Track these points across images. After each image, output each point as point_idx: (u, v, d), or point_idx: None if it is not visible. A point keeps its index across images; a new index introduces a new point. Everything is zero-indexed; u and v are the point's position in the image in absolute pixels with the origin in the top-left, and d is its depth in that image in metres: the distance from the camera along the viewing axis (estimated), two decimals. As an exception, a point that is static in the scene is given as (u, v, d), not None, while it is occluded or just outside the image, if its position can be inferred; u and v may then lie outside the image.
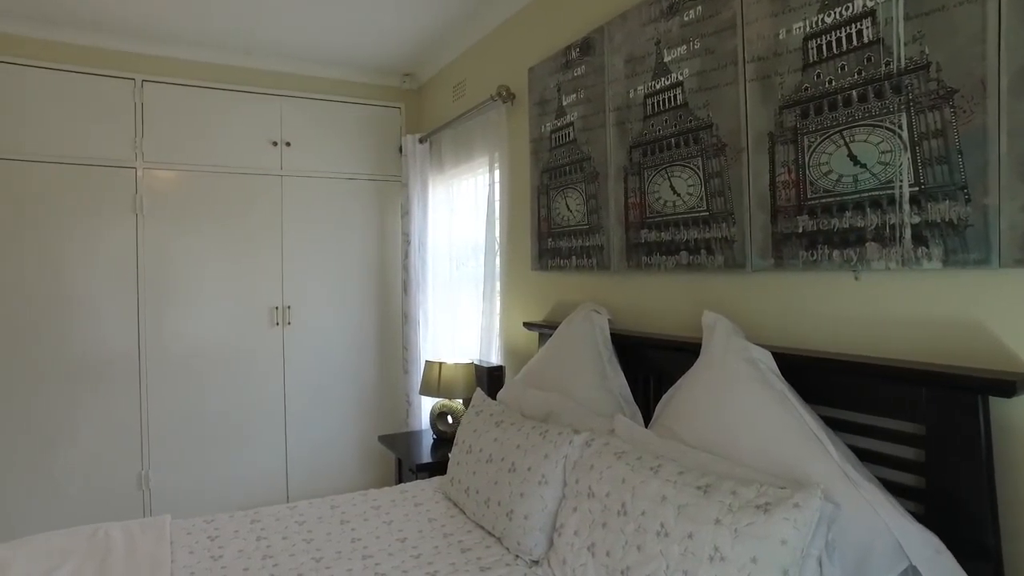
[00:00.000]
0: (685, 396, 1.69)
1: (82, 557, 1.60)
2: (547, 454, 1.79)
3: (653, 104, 2.08)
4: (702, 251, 1.90)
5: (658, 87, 2.05)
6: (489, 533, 1.86)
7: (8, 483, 3.16)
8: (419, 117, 4.17)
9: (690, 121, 1.93)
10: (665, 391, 1.83)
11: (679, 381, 1.78)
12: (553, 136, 2.63)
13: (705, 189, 1.88)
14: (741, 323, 1.73)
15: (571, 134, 2.51)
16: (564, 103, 2.55)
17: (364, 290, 4.01)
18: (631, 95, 2.17)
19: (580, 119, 2.45)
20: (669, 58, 2.01)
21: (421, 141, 3.78)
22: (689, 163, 1.94)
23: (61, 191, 3.26)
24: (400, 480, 3.16)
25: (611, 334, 2.17)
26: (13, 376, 3.17)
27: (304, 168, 3.83)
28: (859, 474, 1.30)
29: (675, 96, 1.99)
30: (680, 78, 1.96)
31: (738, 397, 1.52)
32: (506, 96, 2.93)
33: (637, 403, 2.03)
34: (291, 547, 1.75)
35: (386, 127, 4.09)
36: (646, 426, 1.82)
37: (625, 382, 2.07)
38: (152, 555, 1.61)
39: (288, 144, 3.78)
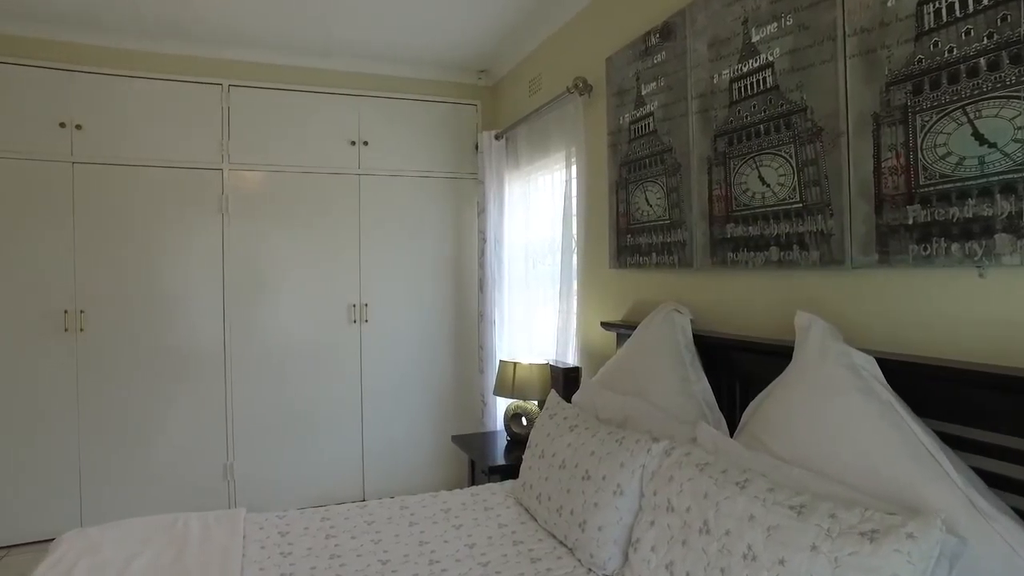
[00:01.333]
0: (776, 404, 1.55)
1: (161, 546, 1.65)
2: (623, 462, 1.68)
3: (740, 89, 1.93)
4: (795, 246, 1.74)
5: (745, 70, 1.90)
6: (561, 543, 1.78)
7: (107, 469, 3.37)
8: (495, 114, 4.13)
9: (781, 105, 1.77)
10: (753, 398, 1.68)
11: (769, 387, 1.63)
12: (632, 128, 2.51)
13: (798, 179, 1.72)
14: (839, 325, 1.56)
15: (651, 125, 2.39)
16: (643, 92, 2.43)
17: (440, 288, 4.02)
18: (715, 80, 2.02)
19: (660, 108, 2.32)
20: (757, 38, 1.85)
21: (497, 138, 3.74)
22: (780, 151, 1.78)
23: (155, 193, 3.45)
24: (473, 481, 3.13)
25: (693, 335, 2.03)
26: (114, 367, 3.38)
27: (381, 167, 3.88)
28: (989, 504, 1.12)
29: (764, 79, 1.83)
30: (770, 59, 1.81)
31: (837, 407, 1.37)
32: (583, 88, 2.83)
33: (721, 410, 1.89)
34: (359, 547, 1.74)
35: (462, 124, 4.08)
36: (731, 436, 1.68)
37: (708, 387, 1.93)
38: (225, 548, 1.64)
39: (366, 143, 3.84)
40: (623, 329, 2.45)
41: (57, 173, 3.29)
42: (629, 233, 2.56)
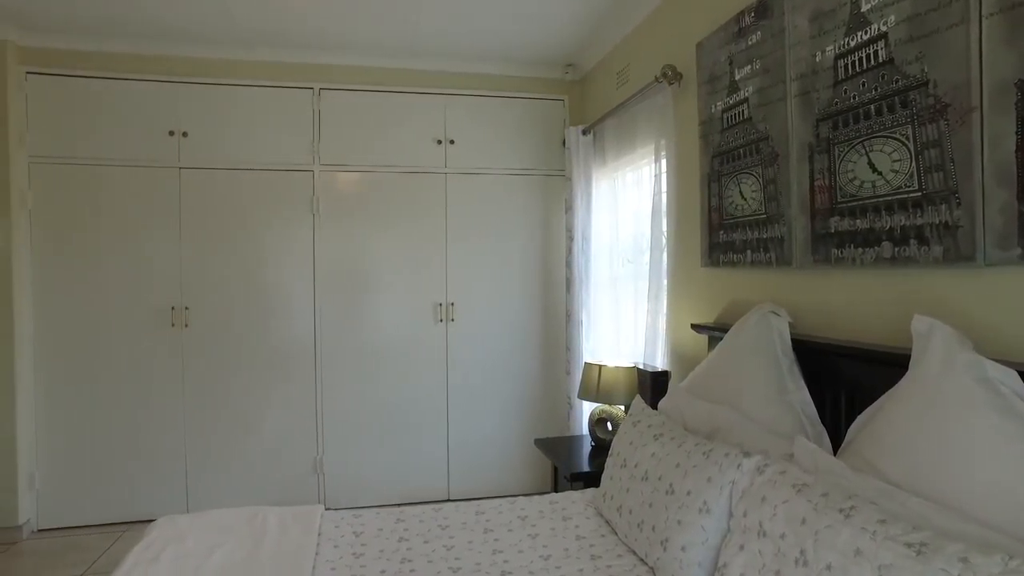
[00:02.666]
0: (889, 420, 1.36)
1: (240, 539, 1.69)
2: (711, 477, 1.54)
3: (846, 66, 1.73)
4: (912, 241, 1.53)
5: (853, 44, 1.70)
6: (641, 561, 1.66)
7: (209, 456, 3.58)
8: (582, 108, 4.03)
9: (896, 81, 1.57)
10: (860, 411, 1.49)
11: (879, 400, 1.44)
12: (725, 116, 2.34)
13: (916, 164, 1.51)
14: (968, 331, 1.35)
15: (745, 112, 2.21)
16: (737, 77, 2.25)
17: (527, 287, 3.97)
18: (818, 58, 1.83)
19: (756, 93, 2.14)
20: (868, 6, 1.65)
21: (584, 133, 3.63)
22: (894, 133, 1.57)
23: (251, 195, 3.62)
24: (556, 487, 3.04)
25: (792, 340, 1.85)
26: (215, 361, 3.58)
27: (468, 165, 3.87)
28: None
29: (876, 52, 1.62)
30: (883, 28, 1.60)
31: (967, 427, 1.17)
32: (672, 76, 2.68)
33: (824, 424, 1.70)
34: (431, 552, 1.70)
35: (549, 120, 4.01)
36: (834, 454, 1.50)
37: (809, 397, 1.74)
38: (299, 545, 1.65)
39: (452, 142, 3.85)
40: (715, 331, 2.29)
41: (166, 179, 3.53)
42: (722, 229, 2.38)
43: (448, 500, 3.82)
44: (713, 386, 2.00)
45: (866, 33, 1.66)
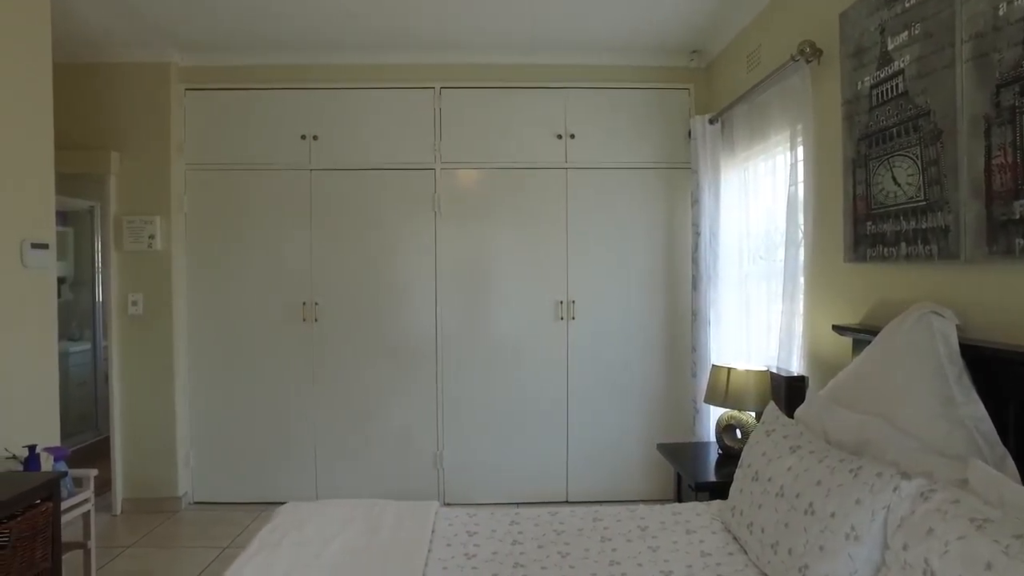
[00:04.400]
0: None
1: (356, 530, 1.72)
2: (859, 499, 1.36)
3: (1036, 21, 1.45)
4: None
5: (1045, -6, 1.43)
6: (776, 586, 1.50)
7: (336, 445, 3.76)
8: (709, 97, 3.80)
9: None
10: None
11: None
12: (874, 93, 2.08)
13: None
14: None
15: (900, 86, 1.95)
16: (889, 47, 1.99)
17: (651, 285, 3.82)
18: (1001, 11, 1.56)
19: (914, 63, 1.88)
20: (1066, -52, 1.38)
21: (711, 122, 3.43)
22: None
23: (376, 195, 3.76)
24: (679, 495, 2.88)
25: (960, 345, 1.59)
26: (342, 355, 3.75)
27: (588, 160, 3.79)
28: None
29: (1077, 1, 1.35)
30: (1087, -28, 1.33)
31: None
32: (810, 53, 2.44)
33: (1005, 445, 1.45)
34: (544, 558, 1.64)
35: (674, 111, 3.83)
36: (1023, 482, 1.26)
37: (984, 413, 1.49)
38: (413, 541, 1.65)
39: (572, 136, 3.78)
40: (861, 334, 2.05)
41: (298, 180, 3.76)
42: (869, 220, 2.13)
43: (566, 502, 3.76)
44: (861, 395, 1.78)
45: (1062, -20, 1.38)
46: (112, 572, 2.93)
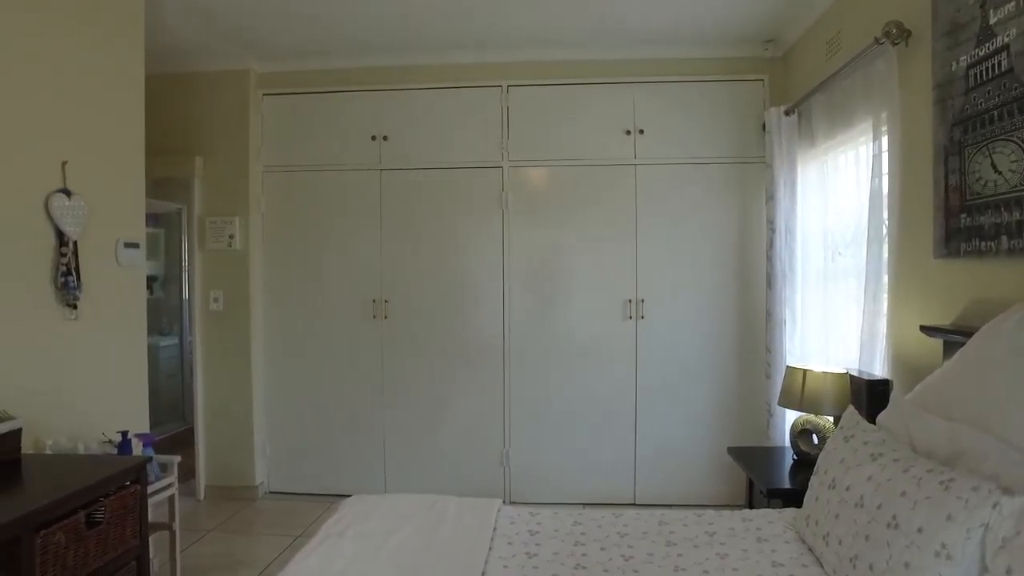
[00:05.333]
0: None
1: (417, 525, 1.73)
2: (951, 514, 1.25)
3: None
4: None
5: None
6: (856, 602, 1.41)
7: (404, 439, 3.83)
8: (785, 87, 3.64)
9: None
10: None
11: None
12: (971, 73, 1.93)
13: None
14: None
15: (1003, 63, 1.79)
16: (991, 21, 1.83)
17: (722, 284, 3.70)
18: (1116, -20, 1.41)
19: (1021, 36, 1.72)
20: None
21: (787, 113, 3.28)
22: None
23: (444, 193, 3.80)
24: (751, 502, 2.76)
25: (1072, 349, 1.44)
26: (411, 351, 3.82)
27: (658, 156, 3.71)
28: None
29: None
30: None
31: None
32: (897, 34, 2.29)
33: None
34: (607, 561, 1.60)
35: (747, 103, 3.69)
36: None
37: (1100, 423, 1.34)
38: (474, 539, 1.65)
39: (641, 132, 3.71)
40: (954, 335, 1.90)
41: (369, 180, 3.86)
42: (964, 212, 1.97)
43: (634, 504, 3.69)
44: (954, 401, 1.65)
45: None
46: (195, 554, 3.09)
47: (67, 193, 2.39)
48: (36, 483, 1.81)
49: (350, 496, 2.07)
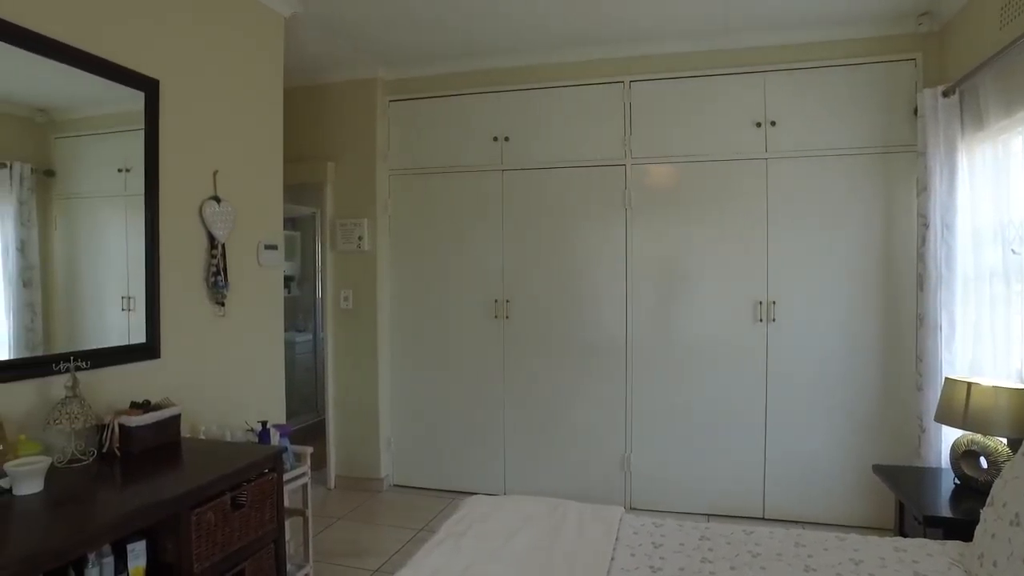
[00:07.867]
0: None
1: (538, 529, 1.70)
2: None
3: None
4: None
5: None
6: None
7: (524, 439, 3.84)
8: (941, 66, 3.25)
9: None
10: None
11: None
12: None
13: None
14: None
15: None
16: None
17: (864, 285, 3.38)
18: None
19: None
20: None
21: (945, 94, 2.93)
22: None
23: (566, 192, 3.77)
24: (901, 528, 2.49)
25: None
26: (532, 352, 3.82)
27: (792, 148, 3.45)
28: None
29: None
30: None
31: None
32: (1095, -6, 1.95)
33: None
34: (738, 583, 1.48)
35: (894, 86, 3.34)
36: None
37: None
38: (596, 546, 1.59)
39: (773, 124, 3.47)
40: None
41: (491, 181, 3.91)
42: None
43: (763, 519, 3.46)
44: None
45: None
46: (326, 539, 3.27)
47: (217, 200, 2.60)
48: (191, 467, 1.98)
49: (470, 493, 2.09)
